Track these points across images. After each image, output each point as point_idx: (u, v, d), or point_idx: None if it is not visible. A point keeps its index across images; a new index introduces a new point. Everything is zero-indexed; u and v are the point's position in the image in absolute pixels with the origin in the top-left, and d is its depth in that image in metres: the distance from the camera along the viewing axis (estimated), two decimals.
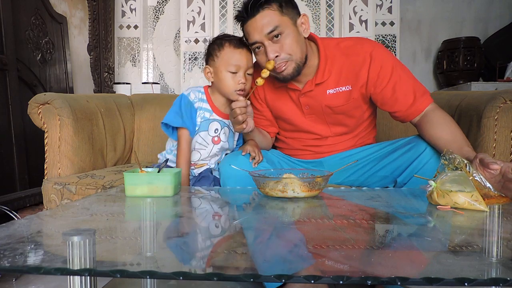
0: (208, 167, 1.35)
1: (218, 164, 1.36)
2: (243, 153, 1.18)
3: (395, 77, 1.16)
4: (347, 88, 1.20)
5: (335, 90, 1.21)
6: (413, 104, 1.16)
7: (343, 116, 1.25)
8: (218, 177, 1.31)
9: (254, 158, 1.17)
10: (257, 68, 1.25)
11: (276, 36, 1.11)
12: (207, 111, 1.32)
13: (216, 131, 1.32)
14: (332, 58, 1.20)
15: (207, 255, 0.55)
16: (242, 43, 1.25)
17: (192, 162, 1.33)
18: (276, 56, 1.12)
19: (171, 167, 1.33)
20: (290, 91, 1.26)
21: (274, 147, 1.49)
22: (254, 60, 1.25)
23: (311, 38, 1.23)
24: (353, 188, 1.17)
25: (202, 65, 2.77)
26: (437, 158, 1.09)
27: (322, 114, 1.26)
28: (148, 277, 0.44)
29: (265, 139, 1.36)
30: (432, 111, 1.15)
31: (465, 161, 0.86)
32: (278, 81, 1.22)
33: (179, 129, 1.28)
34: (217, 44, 1.27)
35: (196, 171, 1.34)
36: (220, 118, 1.33)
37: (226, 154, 1.37)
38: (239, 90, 1.24)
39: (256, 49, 1.17)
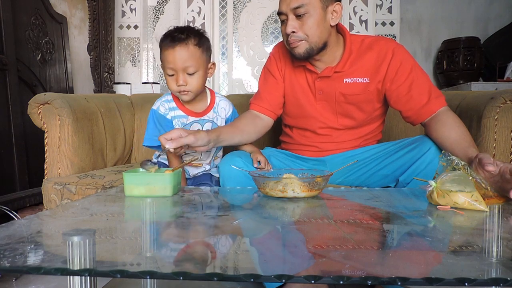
0: (204, 169, 1.33)
1: (214, 162, 1.34)
2: (254, 164, 1.17)
3: (413, 76, 1.18)
4: (365, 80, 1.22)
5: (352, 80, 1.22)
6: (427, 104, 1.16)
7: (354, 108, 1.26)
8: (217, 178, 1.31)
9: (262, 168, 1.16)
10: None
11: (301, 13, 1.13)
12: (181, 117, 1.28)
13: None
14: (356, 52, 1.22)
15: (207, 255, 0.55)
16: (176, 38, 1.13)
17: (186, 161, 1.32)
18: (293, 32, 1.15)
19: (166, 164, 1.31)
20: (307, 72, 1.27)
21: (278, 142, 1.48)
22: (202, 56, 1.18)
23: (340, 31, 1.24)
24: (353, 188, 1.17)
25: None
26: None
27: (334, 102, 1.26)
28: (148, 277, 0.44)
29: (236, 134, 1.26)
30: (444, 113, 1.15)
31: (463, 163, 0.86)
32: (293, 57, 1.23)
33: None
34: (160, 43, 1.18)
35: (191, 171, 1.32)
36: (198, 118, 1.30)
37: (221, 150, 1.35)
38: (183, 91, 1.18)
39: (281, 20, 1.19)
